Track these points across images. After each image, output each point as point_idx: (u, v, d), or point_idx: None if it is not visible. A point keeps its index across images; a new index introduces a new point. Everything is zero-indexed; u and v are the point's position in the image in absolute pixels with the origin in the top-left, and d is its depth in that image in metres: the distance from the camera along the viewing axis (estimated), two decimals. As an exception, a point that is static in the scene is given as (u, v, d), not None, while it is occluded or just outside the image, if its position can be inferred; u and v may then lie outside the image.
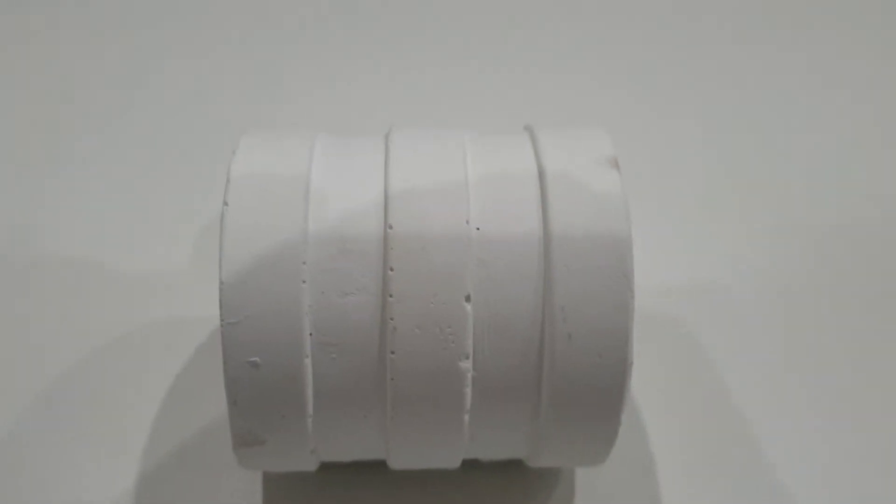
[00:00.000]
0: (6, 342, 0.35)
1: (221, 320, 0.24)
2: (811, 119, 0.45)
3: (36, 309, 0.36)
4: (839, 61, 0.48)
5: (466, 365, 0.24)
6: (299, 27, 0.48)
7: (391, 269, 0.24)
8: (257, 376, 0.24)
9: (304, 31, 0.48)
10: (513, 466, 0.31)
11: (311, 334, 0.24)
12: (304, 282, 0.24)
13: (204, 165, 0.41)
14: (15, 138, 0.43)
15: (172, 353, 0.35)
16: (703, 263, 0.39)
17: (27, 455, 0.32)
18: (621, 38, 0.49)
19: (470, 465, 0.29)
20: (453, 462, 0.28)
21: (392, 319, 0.24)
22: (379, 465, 0.29)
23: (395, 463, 0.28)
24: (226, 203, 0.25)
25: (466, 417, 0.25)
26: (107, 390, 0.34)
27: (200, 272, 0.37)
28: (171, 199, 0.40)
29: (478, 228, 0.25)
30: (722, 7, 0.50)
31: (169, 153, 0.42)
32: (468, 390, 0.25)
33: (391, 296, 0.24)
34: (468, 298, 0.24)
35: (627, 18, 0.50)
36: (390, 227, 0.24)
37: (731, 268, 0.38)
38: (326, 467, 0.30)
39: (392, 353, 0.24)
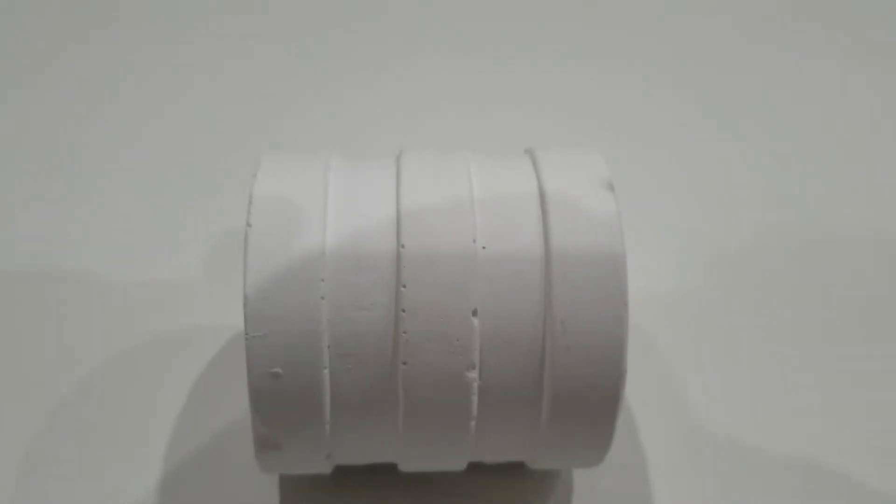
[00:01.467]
0: (28, 349, 0.37)
1: (246, 334, 0.25)
2: (800, 133, 0.46)
3: (58, 318, 0.38)
4: (831, 74, 0.49)
5: (473, 375, 0.26)
6: (314, 50, 0.49)
7: (404, 286, 0.25)
8: (278, 386, 0.25)
9: (318, 56, 0.49)
10: (515, 468, 0.32)
11: (329, 346, 0.25)
12: (322, 297, 0.25)
13: (219, 181, 0.42)
14: (37, 155, 0.44)
15: (190, 360, 0.36)
16: (694, 274, 0.40)
17: (49, 458, 0.33)
18: (616, 58, 0.50)
19: (475, 468, 0.31)
20: (459, 465, 0.29)
21: (405, 333, 0.25)
22: (389, 468, 0.31)
23: (406, 466, 0.29)
24: (249, 224, 0.26)
25: (473, 424, 0.26)
26: (128, 396, 0.35)
27: (218, 283, 0.38)
28: (188, 213, 0.41)
29: (484, 247, 0.26)
30: (715, 24, 0.52)
31: (186, 169, 0.43)
32: (474, 398, 0.26)
33: (404, 310, 0.25)
34: (475, 313, 0.25)
35: (623, 40, 0.51)
36: (402, 246, 0.26)
37: (721, 278, 0.40)
38: (340, 469, 0.31)
39: (404, 363, 0.25)
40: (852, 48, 0.51)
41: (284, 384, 0.25)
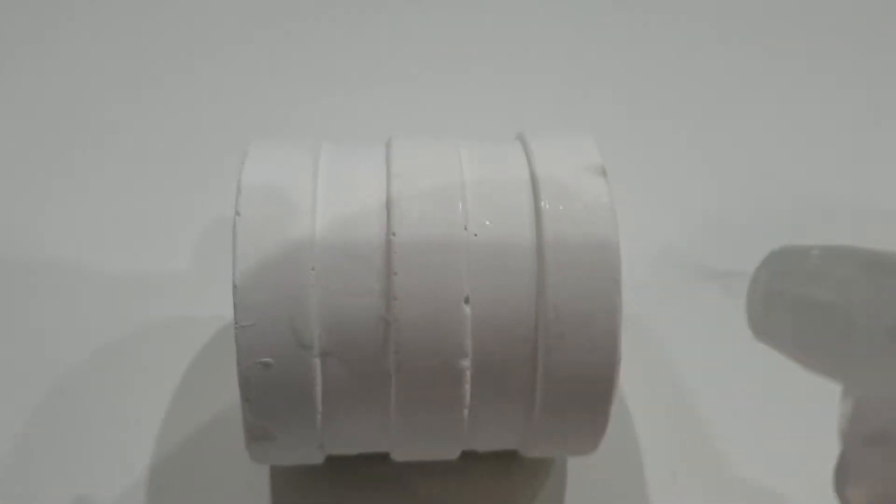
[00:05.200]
0: (13, 341, 0.36)
1: (235, 323, 0.25)
2: (794, 123, 0.46)
3: (45, 309, 0.37)
4: (823, 67, 0.49)
5: (465, 363, 0.26)
6: (302, 37, 0.49)
7: (394, 274, 0.25)
8: (269, 376, 0.25)
9: (307, 43, 0.49)
10: (508, 457, 0.32)
11: (319, 336, 0.25)
12: (312, 286, 0.25)
13: (206, 170, 0.42)
14: (22, 142, 0.43)
15: (179, 352, 0.36)
16: (689, 260, 0.40)
17: (38, 450, 0.33)
18: (608, 46, 0.50)
19: (468, 456, 0.30)
20: (452, 454, 0.29)
21: (396, 321, 0.25)
22: (381, 457, 0.31)
23: (398, 455, 0.29)
24: (237, 212, 0.26)
25: (465, 412, 0.26)
26: (117, 387, 0.35)
27: (205, 273, 0.38)
28: (175, 202, 0.41)
29: (475, 234, 0.26)
30: (707, 14, 0.52)
31: (173, 158, 0.43)
32: (467, 387, 0.26)
33: (395, 298, 0.25)
34: (467, 300, 0.25)
35: (614, 27, 0.51)
36: (393, 234, 0.25)
37: (716, 264, 0.40)
38: (331, 459, 0.31)
39: (396, 352, 0.25)
40: (842, 37, 0.51)
41: (275, 374, 0.25)
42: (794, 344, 0.21)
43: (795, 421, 0.35)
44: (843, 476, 0.18)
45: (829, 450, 0.34)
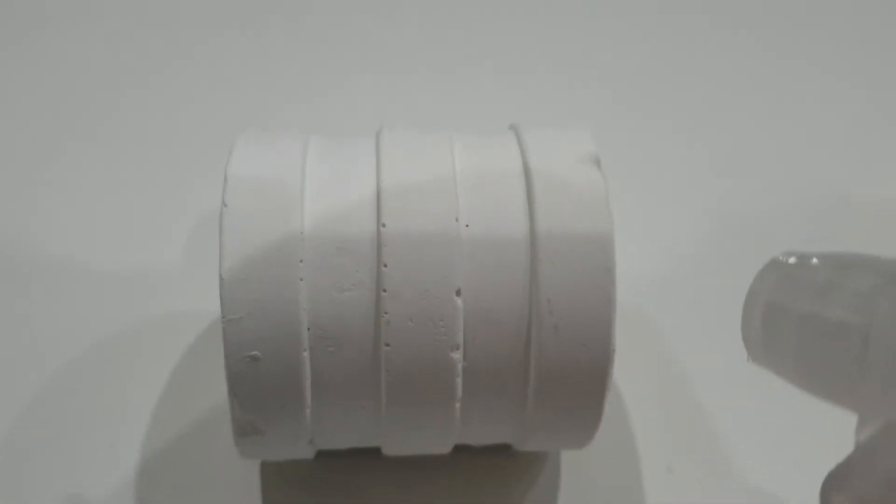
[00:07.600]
0: (2, 338, 0.36)
1: (222, 316, 0.25)
2: (796, 119, 0.46)
3: (34, 306, 0.37)
4: (824, 62, 0.48)
5: (457, 356, 0.25)
6: (292, 30, 0.49)
7: (385, 266, 0.25)
8: (257, 370, 0.25)
9: (296, 35, 0.49)
10: (501, 451, 0.32)
11: (308, 329, 0.25)
12: (301, 279, 0.25)
13: (196, 164, 0.41)
14: (9, 137, 0.43)
15: (168, 347, 0.35)
16: (684, 252, 0.40)
17: (28, 448, 0.33)
18: (603, 39, 0.49)
19: (461, 451, 0.30)
20: (445, 448, 0.29)
21: (386, 313, 0.25)
22: (373, 452, 0.30)
23: (390, 450, 0.29)
24: (224, 204, 0.25)
25: (457, 406, 0.26)
26: (106, 383, 0.35)
27: (194, 269, 0.38)
28: (164, 197, 0.41)
29: (467, 225, 0.25)
30: (706, 10, 0.51)
31: (162, 152, 0.43)
32: (459, 380, 0.26)
33: (385, 291, 0.25)
34: (458, 292, 0.25)
35: (609, 20, 0.51)
36: (383, 226, 0.25)
37: (711, 256, 0.39)
38: (322, 454, 0.31)
39: (386, 345, 0.25)
40: (843, 34, 0.51)
41: (263, 368, 0.25)
42: (798, 367, 0.19)
43: (791, 415, 0.34)
44: (835, 484, 0.16)
45: (825, 446, 0.33)
